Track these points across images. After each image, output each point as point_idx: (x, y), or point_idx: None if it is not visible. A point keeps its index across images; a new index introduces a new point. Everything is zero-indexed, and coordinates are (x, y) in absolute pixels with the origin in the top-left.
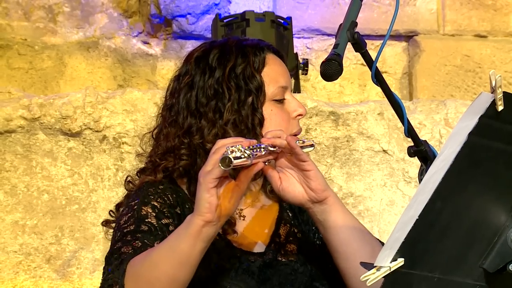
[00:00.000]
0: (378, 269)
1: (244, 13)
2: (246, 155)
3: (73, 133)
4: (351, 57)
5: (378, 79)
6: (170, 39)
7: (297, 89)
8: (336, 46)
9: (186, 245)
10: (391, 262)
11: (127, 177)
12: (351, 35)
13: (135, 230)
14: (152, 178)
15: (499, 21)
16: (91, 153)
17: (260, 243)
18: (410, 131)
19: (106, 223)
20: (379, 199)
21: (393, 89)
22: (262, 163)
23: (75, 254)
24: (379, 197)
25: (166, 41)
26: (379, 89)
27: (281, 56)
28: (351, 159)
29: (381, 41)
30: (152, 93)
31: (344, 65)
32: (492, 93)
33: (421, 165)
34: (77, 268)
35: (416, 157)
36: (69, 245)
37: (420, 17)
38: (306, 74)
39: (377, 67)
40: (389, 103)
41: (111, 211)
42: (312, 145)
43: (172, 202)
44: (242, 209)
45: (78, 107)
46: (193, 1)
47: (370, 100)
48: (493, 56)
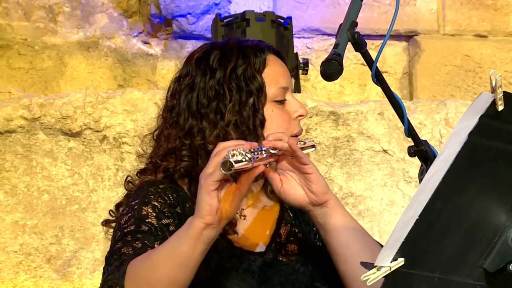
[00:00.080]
0: (378, 269)
1: (244, 13)
2: (247, 159)
3: (73, 133)
4: (351, 57)
5: (378, 79)
6: (170, 39)
7: (297, 89)
8: (336, 46)
9: (186, 247)
10: (391, 262)
11: (127, 177)
12: (351, 35)
13: (135, 230)
14: (152, 178)
15: (499, 21)
16: (91, 153)
17: (261, 243)
18: (410, 131)
19: (106, 223)
20: (379, 199)
21: (393, 89)
22: (263, 166)
23: (75, 254)
24: (379, 197)
25: (166, 41)
26: (379, 89)
27: (282, 57)
28: (351, 159)
29: (381, 41)
30: (152, 93)
31: (344, 65)
32: (492, 93)
33: (421, 165)
34: (77, 268)
35: (416, 157)
36: (69, 245)
37: (420, 17)
38: (306, 74)
39: (377, 67)
40: (389, 103)
41: (111, 211)
42: (313, 146)
43: (172, 201)
44: (243, 209)
45: (78, 107)
46: (193, 1)
47: (370, 100)
48: (493, 56)
